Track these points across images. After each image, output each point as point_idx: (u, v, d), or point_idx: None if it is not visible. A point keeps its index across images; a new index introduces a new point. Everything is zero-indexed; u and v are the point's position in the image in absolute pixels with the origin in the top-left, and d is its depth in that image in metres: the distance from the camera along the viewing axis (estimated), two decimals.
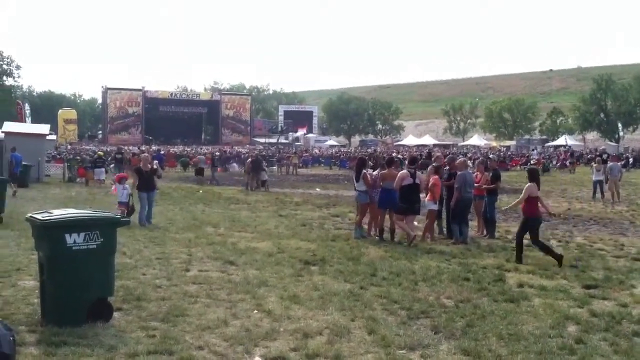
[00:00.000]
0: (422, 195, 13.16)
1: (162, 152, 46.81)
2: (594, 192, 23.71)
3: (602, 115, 76.74)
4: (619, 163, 26.79)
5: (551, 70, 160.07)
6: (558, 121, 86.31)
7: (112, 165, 29.45)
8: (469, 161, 14.70)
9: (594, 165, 24.94)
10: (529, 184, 10.98)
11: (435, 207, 13.25)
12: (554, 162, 50.54)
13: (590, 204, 21.61)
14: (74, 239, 6.53)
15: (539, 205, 11.05)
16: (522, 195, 11.03)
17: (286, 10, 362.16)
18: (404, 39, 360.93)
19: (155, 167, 16.21)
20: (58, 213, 6.81)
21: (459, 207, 12.75)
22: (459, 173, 12.95)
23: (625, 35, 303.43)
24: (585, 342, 6.33)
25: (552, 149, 68.62)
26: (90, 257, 6.62)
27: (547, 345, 6.17)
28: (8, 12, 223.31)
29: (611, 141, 72.95)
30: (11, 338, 5.32)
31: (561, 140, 72.88)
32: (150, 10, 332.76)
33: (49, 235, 6.53)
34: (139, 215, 14.93)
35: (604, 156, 36.90)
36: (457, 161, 13.62)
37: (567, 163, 47.24)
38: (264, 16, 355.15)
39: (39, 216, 6.70)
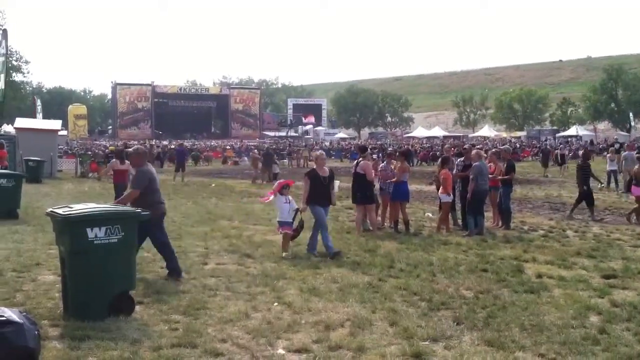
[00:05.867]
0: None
1: (182, 147, 43.66)
2: (608, 182, 23.58)
3: (612, 105, 76.11)
4: (634, 152, 26.51)
5: (561, 60, 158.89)
6: (568, 111, 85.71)
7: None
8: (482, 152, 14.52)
9: (608, 155, 24.79)
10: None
11: (448, 199, 13.21)
12: (568, 153, 50.22)
13: (604, 194, 21.49)
14: (95, 234, 6.54)
15: None
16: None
17: (294, 3, 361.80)
18: (413, 31, 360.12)
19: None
20: (79, 208, 6.81)
21: (474, 199, 12.69)
22: (474, 164, 12.88)
23: (635, 24, 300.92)
24: (609, 332, 6.28)
25: (563, 139, 68.14)
26: (111, 251, 6.64)
27: (570, 335, 6.13)
28: (18, 8, 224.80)
29: (622, 131, 72.42)
30: (36, 332, 5.34)
31: (572, 131, 72.42)
32: (159, 4, 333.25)
33: (70, 229, 6.53)
34: (309, 240, 10.66)
35: (617, 146, 36.69)
36: (473, 152, 13.53)
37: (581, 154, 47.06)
38: (272, 9, 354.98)
39: (60, 211, 6.70)
